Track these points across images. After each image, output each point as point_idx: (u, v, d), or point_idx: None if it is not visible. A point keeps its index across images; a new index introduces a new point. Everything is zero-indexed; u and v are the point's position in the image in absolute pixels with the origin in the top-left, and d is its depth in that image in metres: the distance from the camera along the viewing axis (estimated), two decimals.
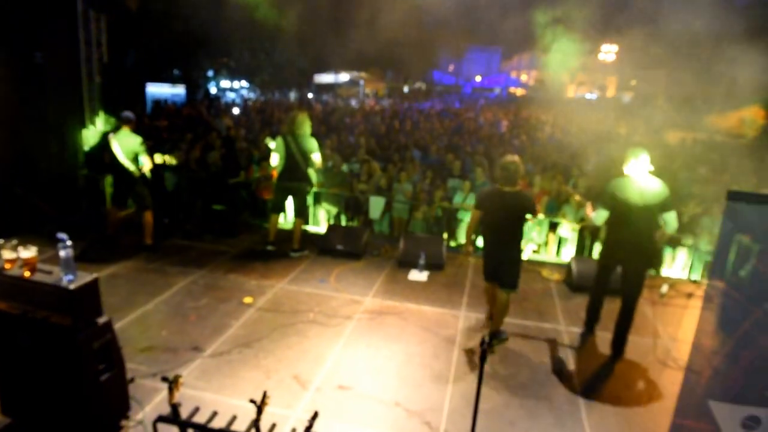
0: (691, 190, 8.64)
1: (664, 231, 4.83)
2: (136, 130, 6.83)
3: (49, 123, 7.69)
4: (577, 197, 5.55)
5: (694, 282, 6.86)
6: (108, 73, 8.17)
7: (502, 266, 5.04)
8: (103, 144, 6.81)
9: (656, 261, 5.49)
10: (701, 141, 14.56)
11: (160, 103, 17.47)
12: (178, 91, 21.15)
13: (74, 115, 7.82)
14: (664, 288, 6.54)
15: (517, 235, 5.05)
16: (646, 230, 4.79)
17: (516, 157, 4.97)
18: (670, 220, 4.75)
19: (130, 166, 6.72)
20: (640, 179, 4.79)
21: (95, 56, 7.82)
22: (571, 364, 4.90)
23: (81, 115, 7.89)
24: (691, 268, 7.71)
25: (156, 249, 6.98)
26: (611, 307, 5.36)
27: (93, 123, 8.05)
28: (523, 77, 51.96)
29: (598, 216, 5.03)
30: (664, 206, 4.72)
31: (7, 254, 3.31)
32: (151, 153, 6.97)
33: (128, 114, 6.81)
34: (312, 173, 7.13)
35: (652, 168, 4.84)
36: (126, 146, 6.67)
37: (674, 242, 7.16)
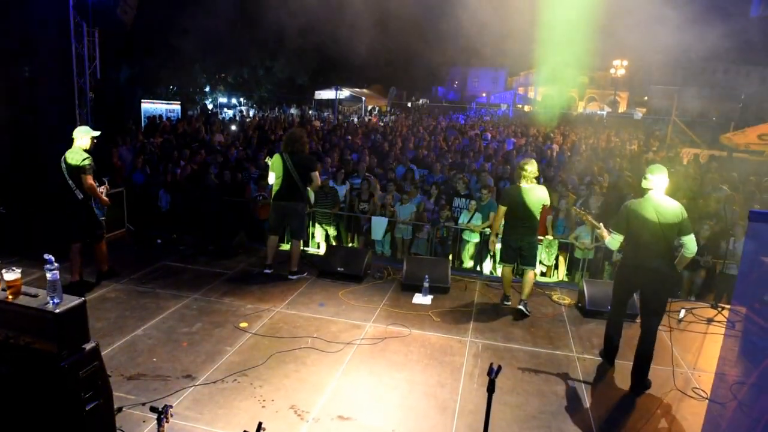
0: (709, 210, 8.41)
1: (683, 255, 4.62)
2: (101, 148, 6.40)
3: (38, 140, 7.42)
4: (591, 219, 5.46)
5: (714, 306, 6.59)
6: (101, 88, 7.97)
7: (524, 249, 6.09)
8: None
9: (676, 286, 5.33)
10: (719, 158, 14.25)
11: (155, 120, 17.34)
12: (174, 106, 21.04)
13: (65, 132, 7.59)
14: (682, 313, 6.27)
15: (535, 223, 6.07)
16: (664, 254, 4.58)
17: (532, 160, 6.14)
18: (689, 243, 4.54)
19: (75, 190, 5.95)
20: (657, 200, 4.58)
21: (88, 71, 7.63)
22: (584, 394, 4.67)
23: (73, 132, 7.68)
24: (709, 291, 7.44)
25: (112, 273, 6.55)
26: (627, 333, 5.16)
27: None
28: (531, 94, 52.05)
29: (613, 241, 4.89)
30: (681, 229, 4.52)
31: None
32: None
33: (79, 128, 6.15)
34: (310, 192, 6.93)
35: (667, 187, 4.63)
36: (70, 166, 5.90)
37: (692, 265, 6.92)
